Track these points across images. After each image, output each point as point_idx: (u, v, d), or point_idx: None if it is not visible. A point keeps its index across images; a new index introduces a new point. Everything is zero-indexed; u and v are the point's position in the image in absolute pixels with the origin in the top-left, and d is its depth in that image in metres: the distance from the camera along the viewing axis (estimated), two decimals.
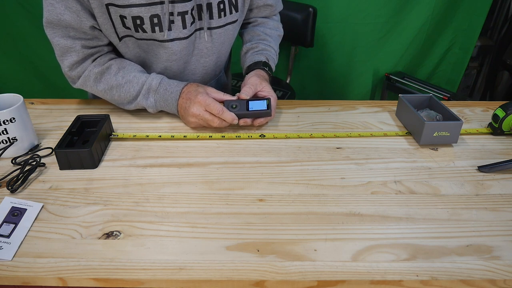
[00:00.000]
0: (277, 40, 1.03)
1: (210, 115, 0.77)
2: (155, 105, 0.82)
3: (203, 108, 0.77)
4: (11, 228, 0.56)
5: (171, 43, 0.81)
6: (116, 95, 0.82)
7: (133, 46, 0.82)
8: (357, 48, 1.92)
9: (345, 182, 0.66)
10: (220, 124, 0.78)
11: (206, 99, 0.76)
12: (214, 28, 0.86)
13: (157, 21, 0.77)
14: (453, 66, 2.04)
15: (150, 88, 0.80)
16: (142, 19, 0.76)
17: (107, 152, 0.74)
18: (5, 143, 0.70)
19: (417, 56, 1.99)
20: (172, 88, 0.81)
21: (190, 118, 0.78)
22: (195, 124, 0.80)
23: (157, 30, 0.78)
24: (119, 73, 0.81)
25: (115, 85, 0.81)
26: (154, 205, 0.61)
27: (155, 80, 0.81)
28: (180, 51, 0.83)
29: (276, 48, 1.01)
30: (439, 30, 1.92)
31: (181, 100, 0.80)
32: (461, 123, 0.74)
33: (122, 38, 0.80)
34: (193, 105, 0.77)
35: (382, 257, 0.52)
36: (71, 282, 0.50)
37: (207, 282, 0.50)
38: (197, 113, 0.77)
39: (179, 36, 0.81)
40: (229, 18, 0.87)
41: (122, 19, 0.76)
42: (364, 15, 1.82)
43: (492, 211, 0.60)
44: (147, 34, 0.78)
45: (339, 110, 0.90)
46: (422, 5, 1.82)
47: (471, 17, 1.88)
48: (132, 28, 0.77)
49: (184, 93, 0.80)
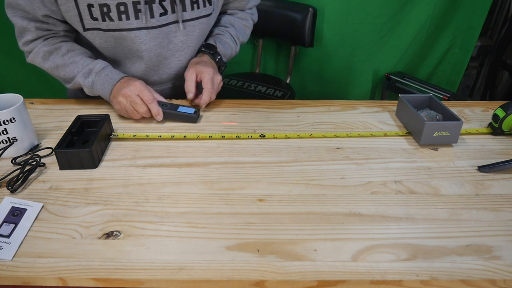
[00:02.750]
0: (241, 29, 1.05)
1: (139, 100, 0.79)
2: (92, 86, 0.84)
3: (136, 93, 0.80)
4: (11, 228, 0.56)
5: (138, 32, 0.83)
6: (61, 74, 0.86)
7: (101, 41, 0.84)
8: (357, 48, 1.92)
9: (345, 182, 0.66)
10: (145, 114, 0.81)
11: (142, 86, 0.81)
12: (188, 21, 0.87)
13: (124, 9, 0.79)
14: (453, 66, 2.04)
15: (92, 69, 0.83)
16: (108, 6, 0.78)
17: (107, 152, 0.74)
18: (5, 143, 0.70)
19: (417, 56, 1.99)
20: (113, 75, 0.84)
21: (120, 97, 0.80)
22: (121, 106, 0.81)
23: (123, 18, 0.80)
24: (67, 55, 0.84)
25: (61, 64, 0.84)
26: (154, 205, 0.61)
27: (99, 64, 0.84)
28: (149, 40, 0.85)
29: (235, 33, 1.02)
30: (439, 30, 1.92)
31: (118, 84, 0.83)
32: (461, 123, 0.74)
33: (88, 30, 0.82)
34: (127, 87, 0.80)
35: (382, 257, 0.52)
36: (71, 282, 0.50)
37: (207, 282, 0.50)
38: (129, 94, 0.80)
39: (147, 25, 0.83)
40: (203, 11, 0.88)
41: (90, 8, 0.78)
42: (364, 15, 1.82)
43: (492, 211, 0.60)
44: (114, 23, 0.80)
45: (339, 110, 0.90)
46: (422, 5, 1.81)
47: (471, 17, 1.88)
48: (99, 18, 0.79)
49: (124, 80, 0.83)
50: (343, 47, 1.91)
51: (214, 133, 0.79)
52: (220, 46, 0.96)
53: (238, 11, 1.04)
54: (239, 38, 1.03)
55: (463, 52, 1.98)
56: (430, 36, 1.92)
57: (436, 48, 1.98)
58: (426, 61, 2.03)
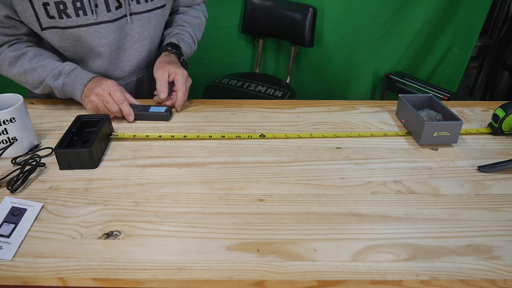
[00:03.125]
0: (196, 27, 1.06)
1: (111, 99, 0.80)
2: (62, 88, 0.84)
3: (108, 92, 0.80)
4: (11, 228, 0.56)
5: (97, 26, 0.83)
6: (29, 79, 0.85)
7: (60, 39, 0.84)
8: (357, 48, 1.92)
9: (345, 182, 0.66)
10: (116, 113, 0.82)
11: (114, 86, 0.81)
12: (142, 13, 0.89)
13: (80, 5, 0.80)
14: (453, 66, 2.04)
15: (62, 71, 0.84)
16: (65, 3, 0.78)
17: (107, 152, 0.74)
18: (5, 143, 0.70)
19: (417, 56, 1.99)
20: (84, 75, 0.84)
21: (93, 96, 0.81)
22: (93, 105, 0.82)
23: (81, 14, 0.80)
24: (34, 59, 0.84)
25: (29, 69, 0.84)
26: (154, 205, 0.61)
27: (69, 66, 0.85)
28: (108, 34, 0.86)
29: (193, 33, 1.04)
30: (439, 30, 1.92)
31: (90, 84, 0.83)
32: (461, 123, 0.74)
33: (45, 29, 0.82)
34: (100, 86, 0.81)
35: (382, 257, 0.52)
36: (71, 282, 0.50)
37: (207, 282, 0.50)
38: (101, 93, 0.80)
39: (105, 19, 0.84)
40: (157, 3, 0.90)
41: (45, 7, 0.78)
42: (364, 15, 1.82)
43: (492, 211, 0.60)
44: (72, 20, 0.80)
45: (339, 110, 0.90)
46: (422, 5, 1.82)
47: (471, 17, 1.89)
48: (56, 15, 0.79)
49: (96, 79, 0.84)
50: (343, 47, 1.91)
51: (214, 133, 0.79)
52: (183, 46, 0.98)
53: (190, 9, 1.06)
54: (196, 37, 1.05)
55: (463, 52, 1.98)
56: (430, 36, 1.92)
57: (436, 48, 1.98)
58: (426, 61, 2.03)
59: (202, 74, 2.00)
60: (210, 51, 1.93)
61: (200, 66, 1.98)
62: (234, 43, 1.94)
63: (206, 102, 0.93)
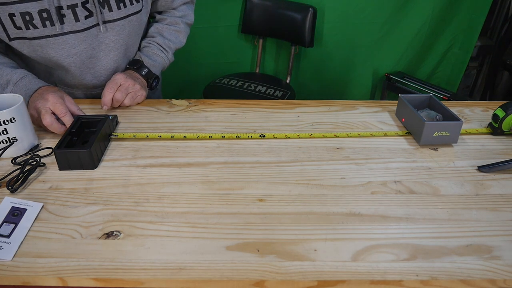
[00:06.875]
0: (171, 35, 1.03)
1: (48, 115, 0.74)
2: None
3: (48, 106, 0.75)
4: (11, 228, 0.56)
5: (65, 36, 0.82)
6: None
7: (29, 50, 0.83)
8: (357, 48, 1.92)
9: (345, 182, 0.66)
10: (50, 125, 0.74)
11: (55, 99, 0.75)
12: (116, 20, 0.87)
13: (47, 15, 0.78)
14: (453, 66, 2.04)
15: (10, 80, 0.81)
16: (30, 14, 0.77)
17: (107, 152, 0.74)
18: (5, 143, 0.70)
19: (417, 56, 1.99)
20: (31, 85, 0.81)
21: (31, 110, 0.77)
22: (34, 119, 0.77)
23: (48, 25, 0.79)
24: None
25: None
26: (154, 205, 0.61)
27: (17, 75, 0.82)
28: (78, 44, 0.84)
29: (162, 42, 1.01)
30: (439, 30, 1.92)
31: (34, 95, 0.79)
32: (461, 123, 0.74)
33: (14, 39, 0.81)
34: (39, 100, 0.76)
35: (382, 257, 0.52)
36: (71, 282, 0.50)
37: (207, 282, 0.50)
38: (38, 106, 0.75)
39: (73, 29, 0.82)
40: (131, 9, 0.88)
41: (12, 18, 0.76)
42: (364, 15, 1.82)
43: (492, 211, 0.60)
44: (39, 31, 0.79)
45: (339, 110, 0.90)
46: (422, 5, 1.82)
47: (471, 17, 1.89)
48: (23, 26, 0.78)
49: (40, 91, 0.80)
50: (343, 47, 1.91)
51: (214, 133, 0.79)
52: (146, 59, 0.96)
53: (167, 17, 1.03)
54: (169, 46, 1.02)
55: (463, 52, 1.99)
56: (430, 36, 1.92)
57: (436, 48, 1.98)
58: (426, 61, 2.03)
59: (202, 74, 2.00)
60: (210, 51, 1.93)
61: (200, 66, 1.98)
62: (234, 43, 1.94)
63: (206, 102, 0.93)
